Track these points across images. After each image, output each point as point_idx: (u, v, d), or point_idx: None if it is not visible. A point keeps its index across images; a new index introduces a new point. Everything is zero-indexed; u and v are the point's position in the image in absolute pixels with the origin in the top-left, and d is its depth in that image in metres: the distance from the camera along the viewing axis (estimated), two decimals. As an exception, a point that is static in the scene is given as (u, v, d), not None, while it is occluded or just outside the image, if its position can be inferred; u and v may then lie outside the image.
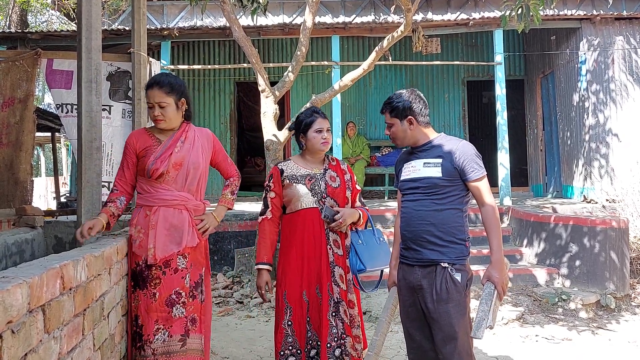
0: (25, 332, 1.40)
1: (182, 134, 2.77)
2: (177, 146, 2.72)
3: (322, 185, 2.92)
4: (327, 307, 2.80)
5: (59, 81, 4.25)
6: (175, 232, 2.65)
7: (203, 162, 2.79)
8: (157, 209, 2.65)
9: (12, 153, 4.43)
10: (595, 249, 5.57)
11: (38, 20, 18.94)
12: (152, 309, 2.56)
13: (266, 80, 5.75)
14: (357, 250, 2.88)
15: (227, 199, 3.01)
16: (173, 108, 2.71)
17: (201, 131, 2.88)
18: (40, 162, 20.41)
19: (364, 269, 2.86)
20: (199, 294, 2.71)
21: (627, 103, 7.93)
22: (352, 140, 9.60)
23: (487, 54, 10.08)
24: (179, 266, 2.63)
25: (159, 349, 2.53)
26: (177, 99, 2.73)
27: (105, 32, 7.72)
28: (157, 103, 2.68)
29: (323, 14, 9.16)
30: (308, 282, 2.85)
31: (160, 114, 2.69)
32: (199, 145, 2.79)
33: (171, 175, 2.68)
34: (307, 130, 2.93)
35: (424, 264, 2.50)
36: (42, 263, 1.72)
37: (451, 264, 2.45)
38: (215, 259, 6.69)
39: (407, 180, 2.61)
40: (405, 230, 2.59)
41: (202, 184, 2.82)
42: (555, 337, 4.63)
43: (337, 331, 2.81)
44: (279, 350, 2.81)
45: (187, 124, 2.83)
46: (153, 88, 2.69)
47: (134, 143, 2.75)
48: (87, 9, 2.81)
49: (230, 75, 10.33)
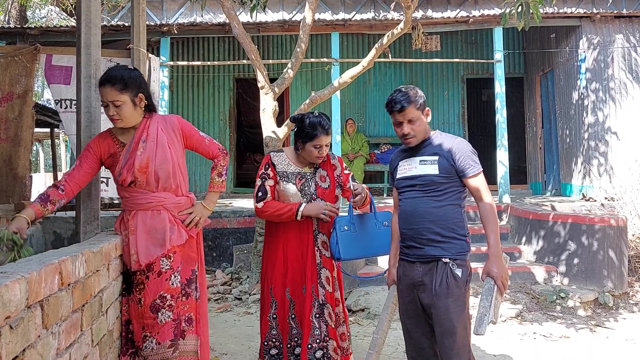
0: (23, 328, 1.40)
1: (142, 133, 2.55)
2: (139, 149, 2.52)
3: (312, 186, 2.93)
4: (311, 308, 2.83)
5: (58, 77, 4.23)
6: (157, 234, 2.53)
7: (173, 156, 2.58)
8: (135, 213, 2.54)
9: (10, 149, 4.42)
10: (594, 247, 5.57)
11: (37, 16, 18.90)
12: (139, 315, 2.48)
13: (265, 76, 5.74)
14: (338, 238, 2.85)
15: (215, 183, 2.80)
16: (129, 106, 2.49)
17: (165, 120, 2.64)
18: (39, 157, 20.39)
19: (340, 259, 2.86)
20: (194, 291, 2.61)
21: (626, 101, 7.93)
22: (351, 137, 9.60)
23: (487, 52, 10.07)
24: (162, 269, 2.50)
25: (150, 357, 2.44)
26: (134, 95, 2.50)
27: (105, 28, 7.70)
28: (110, 102, 2.46)
29: (323, 11, 9.15)
30: (292, 280, 2.88)
31: (115, 113, 2.48)
32: (164, 139, 2.57)
33: (140, 179, 2.52)
34: (306, 141, 2.90)
35: (426, 260, 2.50)
36: (40, 259, 1.72)
37: (452, 259, 2.46)
38: (214, 255, 6.70)
39: (404, 178, 2.61)
40: (404, 228, 2.58)
41: (180, 177, 2.64)
42: (553, 334, 4.64)
43: (320, 333, 2.82)
44: (263, 341, 2.89)
45: (148, 118, 2.60)
46: (105, 85, 2.47)
47: (97, 149, 2.57)
48: (86, 4, 2.79)
49: (230, 71, 10.32)
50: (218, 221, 6.76)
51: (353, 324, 4.92)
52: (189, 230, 2.65)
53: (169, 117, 2.69)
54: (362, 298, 5.30)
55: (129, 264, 2.53)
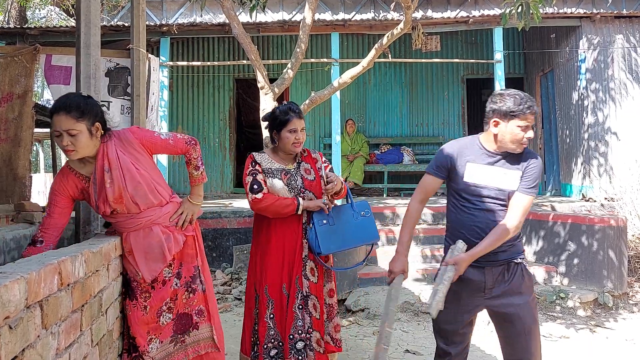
0: (22, 328, 1.40)
1: (103, 162, 2.40)
2: (106, 180, 2.39)
3: (299, 180, 2.93)
4: (294, 299, 2.82)
5: (58, 77, 4.24)
6: (154, 250, 2.52)
7: (143, 175, 2.47)
8: (127, 235, 2.52)
9: (10, 149, 4.43)
10: (594, 247, 5.57)
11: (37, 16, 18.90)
12: (144, 322, 2.52)
13: (265, 77, 5.73)
14: (316, 232, 2.84)
15: (194, 176, 2.73)
16: (86, 135, 2.31)
17: (121, 140, 2.46)
18: (39, 158, 20.37)
19: (320, 253, 2.85)
20: (199, 285, 2.66)
21: (626, 102, 7.93)
22: (351, 138, 9.60)
23: (487, 52, 10.07)
24: (165, 278, 2.57)
25: (157, 356, 2.53)
26: (90, 124, 2.33)
27: (105, 28, 7.70)
28: (65, 131, 2.27)
29: (323, 11, 9.15)
30: (289, 275, 2.87)
31: (70, 144, 2.28)
32: (127, 162, 2.43)
33: (120, 208, 2.45)
34: (281, 128, 2.89)
35: (498, 264, 2.52)
36: (40, 259, 1.72)
37: (522, 259, 2.57)
38: (214, 255, 6.70)
39: (483, 187, 2.51)
40: (475, 237, 2.49)
41: (159, 188, 2.56)
42: (553, 335, 4.64)
43: (304, 324, 2.82)
44: (262, 343, 2.83)
45: (105, 143, 2.42)
46: (59, 113, 2.27)
47: (62, 189, 2.44)
48: (85, 4, 2.79)
49: (230, 72, 10.31)
50: (218, 221, 6.76)
51: (353, 324, 4.92)
52: (184, 230, 2.65)
53: (124, 133, 2.50)
54: (362, 298, 5.30)
55: (135, 277, 2.55)
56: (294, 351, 2.78)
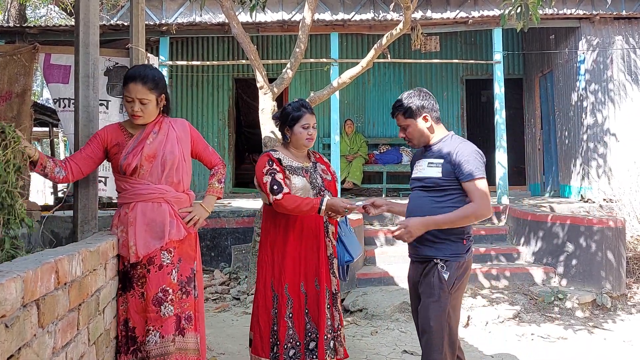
0: (18, 327, 1.40)
1: (154, 126, 2.65)
2: (149, 138, 2.60)
3: (319, 179, 2.95)
4: (325, 298, 2.82)
5: (57, 76, 4.23)
6: (156, 227, 2.54)
7: (180, 152, 2.66)
8: (135, 205, 2.55)
9: (9, 147, 4.41)
10: (592, 248, 5.58)
11: (36, 15, 18.88)
12: (142, 309, 2.49)
13: (264, 76, 5.73)
14: (343, 241, 2.92)
15: (214, 188, 2.89)
16: (154, 105, 2.61)
17: (176, 122, 2.75)
18: (38, 157, 20.32)
19: (351, 260, 2.93)
20: (193, 289, 2.63)
21: (625, 103, 7.94)
22: (350, 138, 9.60)
23: (486, 53, 10.07)
24: (163, 262, 2.53)
25: (153, 351, 2.44)
26: (159, 95, 2.63)
27: (104, 27, 7.69)
28: (138, 99, 2.55)
29: (322, 11, 9.15)
30: (305, 274, 2.86)
31: (139, 110, 2.57)
32: (174, 136, 2.67)
33: (145, 168, 2.57)
34: (293, 124, 2.90)
35: (421, 259, 2.60)
36: (37, 257, 1.72)
37: (443, 261, 2.52)
38: (212, 255, 6.69)
39: (414, 179, 2.73)
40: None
41: (183, 174, 2.70)
42: (551, 335, 4.64)
43: (333, 323, 2.85)
44: (282, 344, 2.78)
45: (162, 117, 2.71)
46: (136, 82, 2.54)
47: (104, 136, 2.63)
48: (85, 4, 2.79)
49: (229, 71, 10.31)
50: (216, 221, 6.76)
51: (351, 324, 4.92)
52: (188, 227, 2.67)
53: (179, 120, 2.80)
54: (360, 298, 5.30)
55: (127, 256, 2.53)
56: (328, 350, 2.78)
